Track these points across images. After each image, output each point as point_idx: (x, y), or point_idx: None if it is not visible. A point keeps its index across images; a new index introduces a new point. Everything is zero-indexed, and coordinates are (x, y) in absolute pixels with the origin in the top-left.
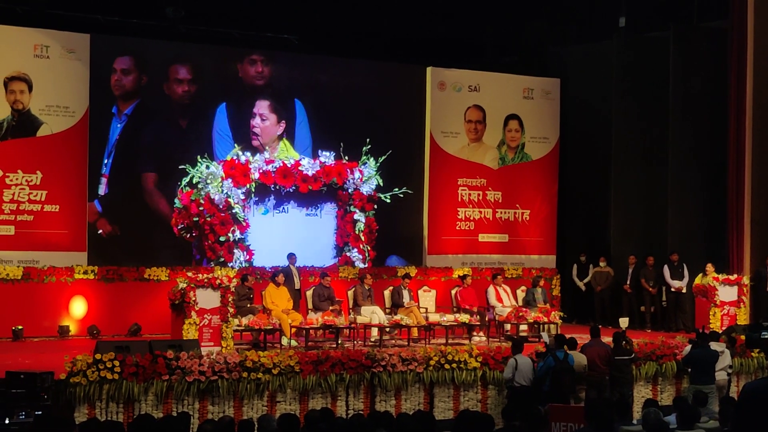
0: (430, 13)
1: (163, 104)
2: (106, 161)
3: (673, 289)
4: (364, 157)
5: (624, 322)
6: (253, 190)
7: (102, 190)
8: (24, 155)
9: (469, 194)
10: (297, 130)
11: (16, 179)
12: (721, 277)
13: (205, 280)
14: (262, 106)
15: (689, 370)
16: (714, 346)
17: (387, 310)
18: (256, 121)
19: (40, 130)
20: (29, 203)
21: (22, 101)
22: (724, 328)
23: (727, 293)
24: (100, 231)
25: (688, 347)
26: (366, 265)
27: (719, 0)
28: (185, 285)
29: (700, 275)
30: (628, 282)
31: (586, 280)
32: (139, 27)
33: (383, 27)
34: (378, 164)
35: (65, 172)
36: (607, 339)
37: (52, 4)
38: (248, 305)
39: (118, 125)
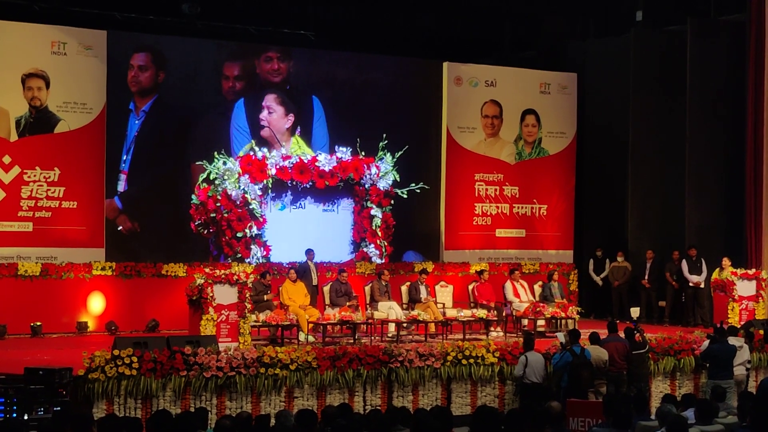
0: (447, 8)
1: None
2: (124, 158)
3: (691, 284)
4: (381, 153)
5: (635, 311)
6: (270, 185)
7: (121, 186)
8: (42, 152)
9: (486, 189)
10: (314, 126)
11: (34, 176)
12: (739, 271)
13: (223, 276)
14: (269, 99)
15: (707, 365)
16: (732, 341)
17: (404, 306)
18: (264, 114)
19: (57, 126)
20: (47, 200)
21: (39, 98)
22: (742, 323)
23: (745, 288)
24: (120, 227)
25: (707, 342)
26: (383, 261)
27: None
28: (203, 281)
29: (718, 270)
30: (646, 277)
31: (603, 275)
32: (155, 23)
33: (400, 22)
34: (395, 159)
35: (83, 168)
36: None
37: (69, 2)
38: (265, 301)
39: (136, 121)
